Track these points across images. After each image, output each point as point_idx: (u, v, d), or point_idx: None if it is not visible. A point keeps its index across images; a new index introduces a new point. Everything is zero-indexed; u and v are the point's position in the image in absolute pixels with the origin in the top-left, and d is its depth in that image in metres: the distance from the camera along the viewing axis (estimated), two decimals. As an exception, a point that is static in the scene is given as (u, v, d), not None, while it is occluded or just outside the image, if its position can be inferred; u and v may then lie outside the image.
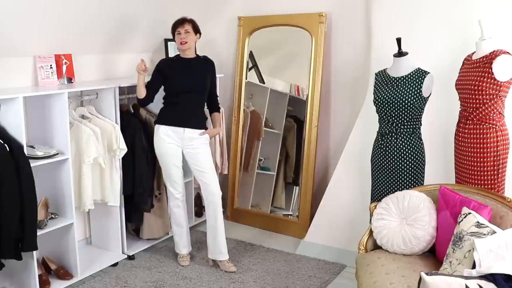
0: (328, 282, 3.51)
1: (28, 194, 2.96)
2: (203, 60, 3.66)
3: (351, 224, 3.73)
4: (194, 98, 3.59)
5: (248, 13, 4.52)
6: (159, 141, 3.58)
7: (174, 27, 3.53)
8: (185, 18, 3.53)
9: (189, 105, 3.57)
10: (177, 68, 3.56)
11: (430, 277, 1.94)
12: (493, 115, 2.86)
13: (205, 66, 3.65)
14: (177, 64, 3.58)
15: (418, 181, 3.16)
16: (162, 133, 3.56)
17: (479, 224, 2.33)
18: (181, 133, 3.55)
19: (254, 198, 4.63)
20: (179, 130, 3.55)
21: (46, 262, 3.47)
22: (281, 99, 4.48)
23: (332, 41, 4.20)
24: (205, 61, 3.67)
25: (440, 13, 3.41)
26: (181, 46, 3.51)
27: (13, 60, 3.33)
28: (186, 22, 3.51)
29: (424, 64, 3.17)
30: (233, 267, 3.65)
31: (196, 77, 3.57)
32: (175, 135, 3.56)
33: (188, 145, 3.58)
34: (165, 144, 3.56)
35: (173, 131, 3.55)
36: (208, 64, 3.68)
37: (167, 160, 3.60)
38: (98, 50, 3.90)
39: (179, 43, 3.51)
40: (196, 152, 3.59)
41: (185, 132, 3.55)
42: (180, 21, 3.52)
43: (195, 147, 3.59)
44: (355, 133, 3.85)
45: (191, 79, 3.54)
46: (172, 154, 3.59)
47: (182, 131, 3.55)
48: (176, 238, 3.80)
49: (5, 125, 3.05)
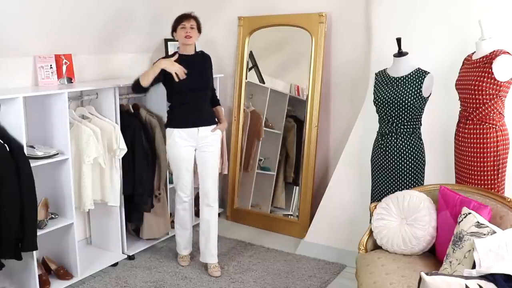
0: (328, 282, 3.51)
1: (28, 194, 2.95)
2: (201, 55, 3.62)
3: (351, 224, 3.73)
4: (201, 95, 3.54)
5: (248, 13, 4.52)
6: (174, 145, 3.51)
7: (179, 20, 3.44)
8: (191, 13, 3.48)
9: (198, 103, 3.51)
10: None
11: (430, 277, 1.94)
12: (493, 115, 2.86)
13: (205, 61, 3.62)
14: (180, 63, 3.47)
15: (418, 181, 3.16)
16: (176, 136, 3.49)
17: (479, 224, 2.33)
18: (195, 134, 3.50)
19: (254, 198, 4.63)
20: (193, 130, 3.49)
21: (46, 262, 3.47)
22: (281, 99, 4.48)
23: (332, 41, 4.20)
24: (203, 56, 3.64)
25: (440, 13, 3.41)
26: (185, 40, 3.43)
27: (13, 60, 3.33)
28: (192, 18, 3.46)
29: (424, 64, 3.17)
30: (219, 272, 3.61)
31: (200, 74, 3.52)
32: (189, 137, 3.49)
33: (202, 143, 3.53)
34: (180, 148, 3.50)
35: (187, 133, 3.49)
36: (206, 58, 3.65)
37: (180, 164, 3.55)
38: (98, 50, 3.90)
39: (183, 36, 3.42)
40: (209, 151, 3.54)
41: (199, 131, 3.50)
42: (187, 15, 3.44)
43: (210, 145, 3.54)
44: (355, 133, 3.85)
45: (197, 77, 3.48)
46: (185, 158, 3.53)
47: (196, 131, 3.49)
48: (178, 238, 3.79)
49: (5, 125, 3.05)
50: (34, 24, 3.26)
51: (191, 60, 3.51)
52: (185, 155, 3.53)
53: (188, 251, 3.81)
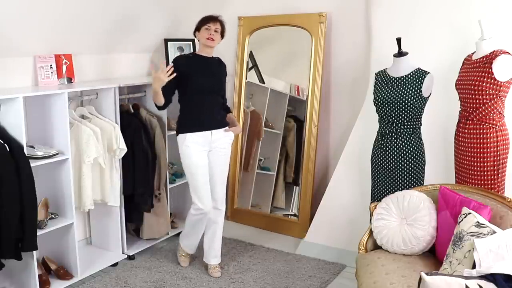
0: (328, 282, 3.51)
1: (28, 194, 2.96)
2: (218, 61, 3.54)
3: (351, 224, 3.73)
4: (215, 99, 3.44)
5: (248, 13, 4.52)
6: (188, 151, 3.36)
7: (205, 21, 3.33)
8: (218, 16, 3.37)
9: (211, 106, 3.40)
10: (196, 67, 3.37)
11: (430, 277, 1.94)
12: (493, 115, 2.86)
13: (221, 67, 3.54)
14: (196, 62, 3.38)
15: (418, 181, 3.17)
16: (190, 141, 3.34)
17: (479, 224, 2.33)
18: (209, 137, 3.39)
19: (254, 198, 4.63)
20: (207, 134, 3.37)
21: (46, 262, 3.47)
22: (281, 99, 4.48)
23: (332, 41, 4.20)
24: (220, 62, 3.55)
25: (440, 13, 3.41)
26: (207, 41, 3.32)
27: (13, 60, 3.33)
28: (219, 22, 3.36)
29: (424, 64, 3.17)
30: (219, 273, 3.60)
31: (215, 77, 3.45)
32: (203, 140, 3.38)
33: (215, 146, 3.43)
34: (195, 153, 3.35)
35: (201, 137, 3.36)
36: (222, 65, 3.56)
37: (197, 172, 3.38)
38: (98, 50, 3.90)
39: (205, 37, 3.31)
40: (220, 154, 3.45)
41: (212, 134, 3.40)
42: (214, 17, 3.34)
43: (222, 147, 3.45)
44: (355, 133, 3.85)
45: (211, 78, 3.39)
46: (202, 165, 3.39)
47: (209, 134, 3.38)
48: (186, 235, 3.65)
49: (5, 125, 3.05)
50: (34, 24, 3.26)
51: (208, 62, 3.43)
52: (201, 161, 3.39)
53: (193, 251, 3.75)
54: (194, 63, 3.39)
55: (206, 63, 3.41)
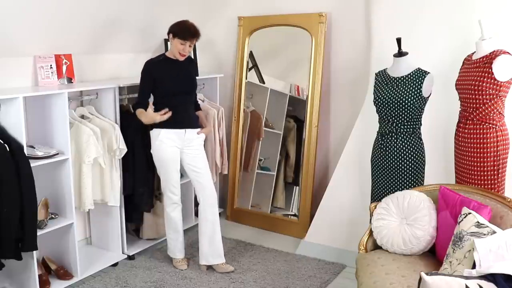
0: (328, 282, 3.51)
1: (28, 194, 2.96)
2: (188, 59, 3.59)
3: (351, 224, 3.73)
4: (188, 99, 3.59)
5: (248, 13, 4.52)
6: (160, 146, 3.50)
7: (183, 35, 3.36)
8: (197, 31, 3.41)
9: (185, 106, 3.55)
10: (168, 70, 3.47)
11: (430, 277, 1.94)
12: (493, 115, 2.86)
13: (191, 65, 3.65)
14: (167, 66, 3.48)
15: (418, 181, 3.16)
16: (163, 136, 3.48)
17: (479, 224, 2.33)
18: (182, 135, 3.53)
19: (254, 198, 4.63)
20: (181, 132, 3.51)
21: (46, 262, 3.46)
22: (281, 99, 4.48)
23: (332, 41, 4.20)
24: (190, 61, 3.65)
25: (440, 13, 3.41)
26: (178, 55, 3.43)
27: (13, 60, 3.33)
28: (196, 38, 3.43)
29: (424, 64, 3.17)
30: (231, 267, 3.64)
31: (187, 77, 3.57)
32: (177, 138, 3.51)
33: (188, 146, 3.56)
34: (167, 148, 3.50)
35: (175, 134, 3.50)
36: (192, 63, 3.68)
37: (168, 165, 3.54)
38: (98, 50, 3.90)
39: (178, 51, 3.41)
40: (196, 154, 3.59)
41: (186, 133, 3.54)
42: (192, 34, 3.39)
43: (196, 148, 3.59)
44: (355, 133, 3.85)
45: (183, 81, 3.53)
46: (173, 159, 3.54)
47: (183, 132, 3.52)
48: (172, 243, 3.73)
49: (5, 125, 3.05)
50: (34, 24, 3.26)
51: (179, 64, 3.50)
52: (173, 155, 3.53)
53: (183, 254, 3.77)
54: (165, 67, 3.50)
55: (177, 66, 3.51)
